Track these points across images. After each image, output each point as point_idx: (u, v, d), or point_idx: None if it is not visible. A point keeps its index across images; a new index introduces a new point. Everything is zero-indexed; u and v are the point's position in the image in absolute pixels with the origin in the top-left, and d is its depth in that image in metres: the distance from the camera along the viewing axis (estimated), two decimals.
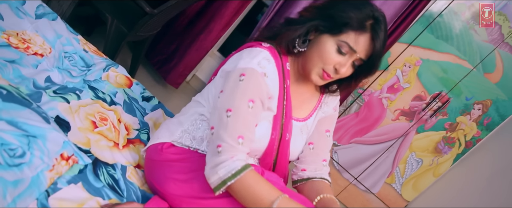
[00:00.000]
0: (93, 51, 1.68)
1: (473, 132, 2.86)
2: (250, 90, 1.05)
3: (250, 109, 1.05)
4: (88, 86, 1.46)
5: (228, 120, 1.03)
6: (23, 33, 1.45)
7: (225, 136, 1.02)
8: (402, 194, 3.07)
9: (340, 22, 1.08)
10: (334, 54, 1.10)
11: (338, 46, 1.09)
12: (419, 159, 2.97)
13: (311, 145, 1.29)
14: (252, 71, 1.07)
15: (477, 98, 2.80)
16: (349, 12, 1.07)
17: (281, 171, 1.23)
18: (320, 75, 1.14)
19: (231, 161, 1.00)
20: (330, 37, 1.10)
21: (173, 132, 1.23)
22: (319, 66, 1.12)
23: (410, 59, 2.81)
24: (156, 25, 2.36)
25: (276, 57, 1.15)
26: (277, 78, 1.14)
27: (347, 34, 1.08)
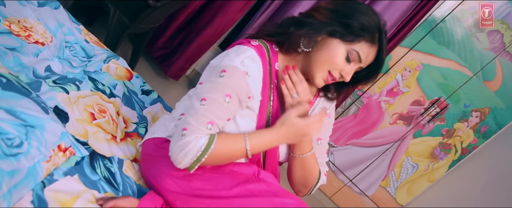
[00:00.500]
0: (94, 41, 1.67)
1: (469, 139, 2.87)
2: (229, 86, 1.06)
3: (226, 103, 1.05)
4: (88, 77, 1.45)
5: (200, 108, 1.05)
6: (24, 20, 1.43)
7: (192, 120, 1.04)
8: (396, 198, 3.07)
9: (356, 32, 1.07)
10: (343, 61, 1.10)
11: (347, 54, 1.09)
12: (415, 163, 2.98)
13: None
14: (234, 68, 1.06)
15: (476, 105, 2.80)
16: (364, 22, 1.07)
17: (271, 171, 1.22)
18: (324, 78, 1.14)
19: (196, 141, 1.02)
20: (341, 43, 1.09)
21: (167, 127, 1.24)
22: (325, 69, 1.12)
23: (411, 63, 2.81)
24: (158, 18, 2.35)
25: (262, 56, 1.13)
26: (261, 78, 1.12)
27: (361, 44, 1.08)
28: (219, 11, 2.73)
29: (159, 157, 1.17)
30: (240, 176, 1.08)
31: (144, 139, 1.27)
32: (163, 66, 2.87)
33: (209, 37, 2.78)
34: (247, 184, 1.04)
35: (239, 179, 1.06)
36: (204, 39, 2.78)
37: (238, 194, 1.03)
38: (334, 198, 3.16)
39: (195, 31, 2.80)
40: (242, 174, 1.08)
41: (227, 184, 1.05)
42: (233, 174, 1.08)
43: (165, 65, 2.85)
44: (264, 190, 1.04)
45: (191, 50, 2.79)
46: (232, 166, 1.11)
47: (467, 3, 2.66)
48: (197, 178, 1.08)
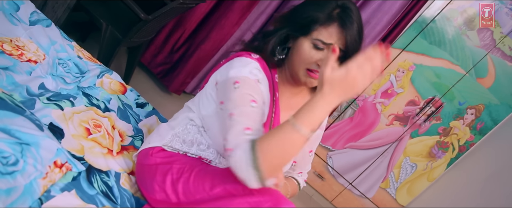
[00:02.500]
0: (87, 57, 1.68)
1: (466, 136, 2.88)
2: (247, 93, 1.05)
3: (254, 108, 1.04)
4: (82, 92, 1.46)
5: (232, 123, 1.01)
6: (17, 39, 1.44)
7: (230, 137, 0.99)
8: (396, 199, 3.07)
9: (305, 22, 1.11)
10: (313, 52, 1.12)
11: (313, 44, 1.11)
12: (414, 163, 2.99)
13: (293, 163, 1.33)
14: (245, 78, 1.08)
15: (470, 102, 2.82)
16: (310, 11, 1.12)
17: None
18: (305, 74, 1.15)
19: (241, 151, 0.95)
20: (304, 39, 1.13)
21: (163, 136, 1.25)
22: (302, 67, 1.14)
23: (404, 64, 2.83)
24: (150, 31, 2.37)
25: (265, 69, 1.17)
26: (268, 88, 1.15)
27: (318, 31, 1.11)
28: (216, 26, 2.77)
29: (151, 165, 1.18)
30: (221, 175, 1.07)
31: (140, 149, 1.28)
32: (164, 82, 2.90)
33: (207, 51, 2.83)
34: (226, 183, 1.04)
35: (220, 179, 1.06)
36: (202, 53, 2.82)
37: (216, 195, 1.03)
38: (335, 202, 3.16)
39: (194, 46, 2.84)
40: (225, 176, 1.07)
41: (207, 185, 1.05)
42: (217, 176, 1.08)
43: (167, 81, 2.89)
44: (241, 189, 1.01)
45: (190, 65, 2.84)
46: (215, 169, 1.12)
47: (455, 2, 2.69)
48: (182, 182, 1.09)
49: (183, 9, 2.38)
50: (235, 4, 2.71)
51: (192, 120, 1.23)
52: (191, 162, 1.17)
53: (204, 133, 1.22)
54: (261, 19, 2.81)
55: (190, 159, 1.19)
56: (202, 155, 1.22)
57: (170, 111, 2.72)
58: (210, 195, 1.05)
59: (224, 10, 2.74)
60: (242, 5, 2.70)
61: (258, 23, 2.82)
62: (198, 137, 1.22)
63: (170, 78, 2.87)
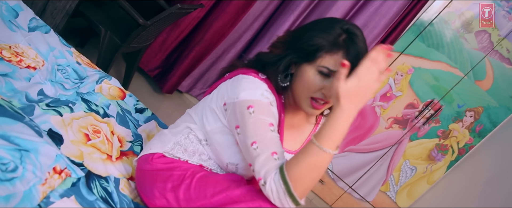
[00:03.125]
0: (86, 63, 1.68)
1: (465, 139, 2.88)
2: (264, 117, 1.05)
3: (273, 132, 1.04)
4: (81, 98, 1.46)
5: (256, 151, 1.01)
6: (16, 46, 1.45)
7: (258, 167, 1.00)
8: (397, 202, 3.07)
9: (311, 50, 1.08)
10: (318, 80, 1.09)
11: (318, 71, 1.08)
12: (413, 166, 2.99)
13: None
14: (259, 102, 1.06)
15: (469, 105, 2.82)
16: (316, 38, 1.08)
17: None
18: (309, 104, 1.12)
19: (272, 179, 0.96)
20: (308, 65, 1.10)
21: (165, 143, 1.24)
22: (306, 96, 1.12)
23: (402, 67, 2.84)
24: (149, 36, 2.37)
25: (273, 90, 1.14)
26: (276, 109, 1.13)
27: (323, 58, 1.07)
28: (210, 28, 2.77)
29: (151, 171, 1.18)
30: (223, 182, 1.08)
31: (140, 155, 1.28)
32: (159, 84, 2.91)
33: (201, 53, 2.83)
34: (228, 190, 1.04)
35: (222, 186, 1.06)
36: (196, 55, 2.83)
37: (218, 202, 1.03)
38: (335, 205, 3.15)
39: (189, 48, 2.85)
40: (225, 183, 1.07)
41: (209, 192, 1.06)
42: (218, 183, 1.08)
43: (162, 83, 2.90)
44: (242, 195, 1.02)
45: (184, 66, 2.83)
46: (216, 176, 1.12)
47: (453, 5, 2.70)
48: (183, 188, 1.09)
49: (181, 14, 2.39)
50: (231, 7, 2.71)
51: (193, 131, 1.22)
52: (192, 168, 1.17)
53: (206, 146, 1.21)
54: (258, 21, 2.81)
55: (191, 166, 1.19)
56: (203, 164, 1.22)
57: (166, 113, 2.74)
58: (211, 201, 1.05)
59: (220, 12, 2.75)
60: (237, 7, 2.71)
61: (256, 25, 2.82)
62: (199, 148, 1.21)
63: (165, 80, 2.87)
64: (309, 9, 2.77)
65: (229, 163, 1.17)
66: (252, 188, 1.08)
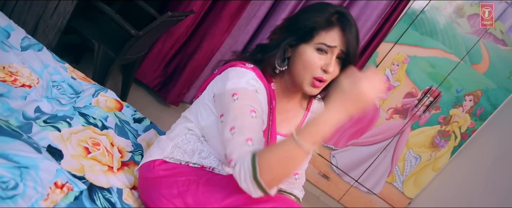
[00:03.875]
0: (81, 77, 1.69)
1: (467, 123, 2.88)
2: (247, 104, 1.06)
3: (254, 118, 1.05)
4: (79, 113, 1.47)
5: (234, 136, 1.02)
6: (9, 66, 1.46)
7: (231, 150, 1.01)
8: (404, 192, 3.07)
9: (308, 28, 1.13)
10: (317, 58, 1.13)
11: (317, 49, 1.13)
12: (417, 155, 2.98)
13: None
14: (243, 89, 1.09)
15: (467, 89, 2.82)
16: (312, 17, 1.13)
17: None
18: (311, 84, 1.15)
19: (242, 162, 0.96)
20: (306, 45, 1.14)
21: (164, 149, 1.26)
22: (308, 76, 1.15)
23: (398, 57, 2.84)
24: (143, 46, 2.38)
25: (262, 78, 1.17)
26: (266, 96, 1.16)
27: (319, 36, 1.12)
28: (206, 35, 2.79)
29: (154, 179, 1.19)
30: (231, 185, 1.08)
31: (141, 163, 1.28)
32: (161, 94, 2.92)
33: (200, 60, 2.85)
34: (238, 193, 1.04)
35: (230, 189, 1.07)
36: (196, 63, 2.85)
37: (229, 206, 1.04)
38: (342, 200, 3.15)
39: (186, 56, 2.86)
40: (234, 184, 1.08)
41: (219, 196, 1.06)
42: (226, 186, 1.09)
43: (164, 93, 2.91)
44: (249, 197, 1.02)
45: (185, 75, 2.86)
46: (223, 178, 1.13)
47: None
48: (191, 194, 1.09)
49: (173, 22, 2.40)
50: (224, 12, 2.72)
51: (191, 130, 1.24)
52: (195, 172, 1.17)
53: (204, 142, 1.23)
54: (252, 24, 2.82)
55: (193, 170, 1.19)
56: (204, 163, 1.22)
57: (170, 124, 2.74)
58: (222, 205, 1.05)
59: (213, 18, 2.76)
60: (231, 12, 2.72)
61: (250, 28, 2.83)
62: (198, 146, 1.23)
63: (166, 90, 2.89)
64: (299, 7, 2.78)
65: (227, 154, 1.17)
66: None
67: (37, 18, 1.97)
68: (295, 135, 0.94)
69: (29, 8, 1.95)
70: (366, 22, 2.74)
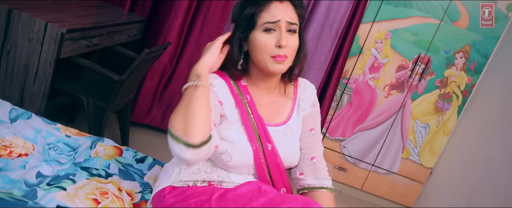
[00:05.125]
0: (76, 133, 1.71)
1: (464, 80, 2.88)
2: None
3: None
4: (80, 167, 1.48)
5: None
6: (2, 140, 1.47)
7: None
8: (422, 164, 3.05)
9: (248, 16, 1.16)
10: (267, 38, 1.15)
11: (264, 30, 1.15)
12: (425, 124, 2.97)
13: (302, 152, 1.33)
14: None
15: (455, 47, 2.82)
16: (247, 5, 1.17)
17: (280, 181, 1.24)
18: (273, 62, 1.16)
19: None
20: (254, 32, 1.17)
21: (170, 175, 1.27)
22: (266, 58, 1.16)
23: (379, 35, 2.85)
24: (130, 89, 2.40)
25: (222, 76, 1.22)
26: (228, 91, 1.21)
27: (261, 17, 1.15)
28: (191, 62, 2.84)
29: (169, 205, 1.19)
30: (244, 195, 1.08)
31: (152, 196, 1.29)
32: (162, 126, 2.94)
33: None
34: (253, 201, 1.05)
35: (244, 199, 1.07)
36: None
37: None
38: (365, 188, 3.13)
39: (177, 87, 2.90)
40: (245, 195, 1.09)
41: None
42: (237, 199, 1.09)
43: (164, 125, 2.92)
44: (270, 200, 1.03)
45: None
46: (233, 191, 1.13)
47: None
48: None
49: (153, 58, 2.42)
50: (202, 38, 2.76)
51: None
52: (204, 192, 1.17)
53: None
54: None
55: (202, 190, 1.19)
56: (210, 179, 1.23)
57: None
58: None
59: (193, 45, 2.79)
60: (209, 36, 2.76)
61: None
62: (202, 162, 1.23)
63: (166, 122, 2.91)
64: None
65: (220, 154, 1.18)
66: (276, 192, 1.11)
67: (21, 89, 2.00)
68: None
69: (10, 81, 1.98)
70: (339, 8, 2.77)
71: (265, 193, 1.10)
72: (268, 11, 1.15)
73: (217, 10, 2.77)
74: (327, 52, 2.81)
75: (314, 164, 1.31)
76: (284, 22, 1.15)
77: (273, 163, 1.22)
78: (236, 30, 1.21)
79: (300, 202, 1.03)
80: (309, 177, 1.30)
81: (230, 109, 1.20)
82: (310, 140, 1.32)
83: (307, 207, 1.02)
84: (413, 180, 3.08)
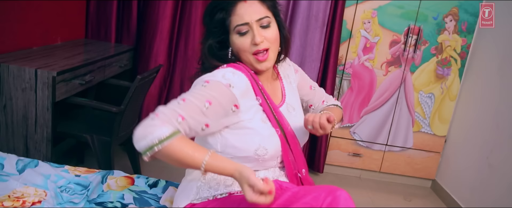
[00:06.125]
0: (85, 171, 1.71)
1: (459, 42, 2.86)
2: (210, 94, 1.09)
3: (204, 108, 1.07)
4: (95, 203, 1.48)
5: (177, 104, 1.06)
6: (13, 192, 1.48)
7: (165, 110, 1.04)
8: (435, 133, 3.02)
9: (219, 23, 1.18)
10: (243, 39, 1.18)
11: (238, 33, 1.18)
12: (429, 94, 2.95)
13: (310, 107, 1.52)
14: (216, 82, 1.12)
15: (443, 12, 2.81)
16: (214, 15, 1.19)
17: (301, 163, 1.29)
18: (256, 61, 1.20)
19: (159, 127, 0.99)
20: (230, 36, 1.20)
21: (189, 193, 1.25)
22: (249, 57, 1.20)
23: (365, 15, 2.84)
24: (132, 118, 2.41)
25: (240, 69, 1.21)
26: (249, 85, 1.19)
27: (231, 22, 1.18)
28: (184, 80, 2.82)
29: None
30: None
31: None
32: None
33: None
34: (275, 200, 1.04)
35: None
36: None
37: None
38: (383, 169, 3.10)
39: None
40: None
41: None
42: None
43: None
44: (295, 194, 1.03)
45: None
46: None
47: None
48: None
49: (148, 83, 2.43)
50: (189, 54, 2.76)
51: None
52: (225, 203, 1.17)
53: None
54: None
55: (223, 201, 1.18)
56: (231, 190, 1.22)
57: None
58: None
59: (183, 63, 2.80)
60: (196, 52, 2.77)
61: None
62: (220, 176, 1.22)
63: None
64: None
65: (255, 151, 1.18)
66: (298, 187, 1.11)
67: (24, 139, 2.01)
68: (209, 154, 1.02)
69: (12, 134, 2.00)
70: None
71: (287, 189, 1.10)
72: (236, 13, 1.17)
73: (196, 25, 2.79)
74: (318, 43, 2.81)
75: (324, 102, 1.50)
76: (253, 22, 1.17)
77: (294, 144, 1.26)
78: (209, 35, 1.23)
79: (324, 191, 1.02)
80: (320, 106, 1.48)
81: (251, 103, 1.20)
82: (314, 94, 1.47)
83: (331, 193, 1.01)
84: (429, 151, 3.05)
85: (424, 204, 2.89)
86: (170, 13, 2.75)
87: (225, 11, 1.17)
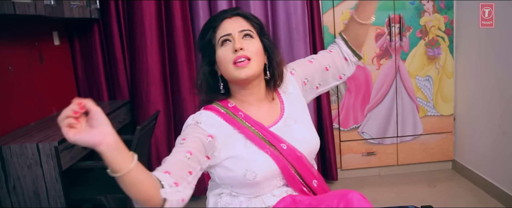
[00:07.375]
0: None
1: (441, 20, 2.87)
2: (183, 134, 1.15)
3: (180, 145, 1.10)
4: None
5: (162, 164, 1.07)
6: None
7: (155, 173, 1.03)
8: (442, 114, 3.00)
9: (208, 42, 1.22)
10: (224, 49, 1.19)
11: (220, 45, 1.20)
12: (426, 76, 2.95)
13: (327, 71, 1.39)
14: (187, 126, 1.18)
15: None
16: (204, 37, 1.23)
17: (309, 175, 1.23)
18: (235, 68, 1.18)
19: None
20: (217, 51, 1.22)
21: (217, 201, 1.24)
22: (229, 66, 1.18)
23: (344, 16, 2.86)
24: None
25: (210, 108, 1.23)
26: (220, 120, 1.21)
27: (216, 36, 1.21)
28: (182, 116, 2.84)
29: None
30: None
31: None
32: None
33: None
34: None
35: None
36: None
37: None
38: (400, 161, 3.08)
39: None
40: None
41: None
42: None
43: None
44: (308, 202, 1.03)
45: None
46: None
47: None
48: None
49: (149, 131, 2.44)
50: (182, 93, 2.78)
51: (222, 193, 1.24)
52: None
53: (236, 193, 1.22)
54: None
55: None
56: None
57: None
58: None
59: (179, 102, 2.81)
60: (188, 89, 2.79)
61: None
62: (235, 200, 1.21)
63: None
64: None
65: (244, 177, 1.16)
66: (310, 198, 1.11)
67: None
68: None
69: None
70: (296, 10, 2.78)
71: (300, 202, 1.09)
72: (221, 28, 1.21)
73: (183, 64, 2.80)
74: (304, 54, 2.82)
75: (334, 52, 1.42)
76: (236, 32, 1.19)
77: (294, 158, 1.20)
78: (202, 60, 1.26)
79: (336, 196, 1.01)
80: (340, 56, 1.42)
81: (227, 133, 1.19)
82: (333, 68, 1.39)
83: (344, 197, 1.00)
84: (441, 133, 3.02)
85: (450, 187, 2.85)
86: (158, 58, 2.79)
87: (212, 29, 1.21)
